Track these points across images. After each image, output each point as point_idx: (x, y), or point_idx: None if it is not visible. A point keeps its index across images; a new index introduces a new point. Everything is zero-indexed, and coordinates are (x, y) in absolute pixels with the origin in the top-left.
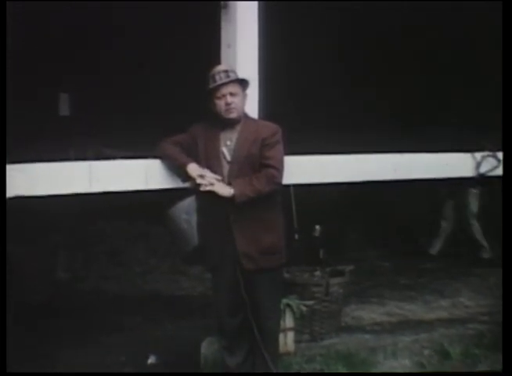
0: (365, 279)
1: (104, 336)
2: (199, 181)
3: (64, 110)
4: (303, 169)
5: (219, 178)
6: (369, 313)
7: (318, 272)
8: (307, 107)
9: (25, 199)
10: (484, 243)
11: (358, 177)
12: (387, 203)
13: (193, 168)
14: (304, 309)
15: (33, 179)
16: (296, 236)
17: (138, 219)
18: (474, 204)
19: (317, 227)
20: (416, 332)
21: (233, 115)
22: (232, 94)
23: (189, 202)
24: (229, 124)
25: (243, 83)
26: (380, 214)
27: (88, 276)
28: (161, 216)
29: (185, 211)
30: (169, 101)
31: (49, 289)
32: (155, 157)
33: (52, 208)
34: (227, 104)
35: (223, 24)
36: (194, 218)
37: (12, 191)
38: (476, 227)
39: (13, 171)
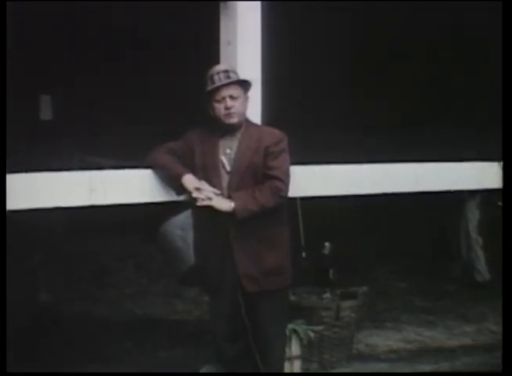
0: (380, 301)
1: (91, 364)
2: (195, 194)
3: (46, 113)
4: (311, 180)
5: (218, 192)
6: (385, 340)
7: (327, 295)
8: (314, 111)
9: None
10: (481, 263)
11: (374, 189)
12: (404, 217)
13: (189, 180)
14: (312, 335)
15: (26, 191)
16: (303, 255)
17: (128, 236)
18: (473, 216)
19: (326, 244)
20: (436, 360)
21: (234, 120)
22: (232, 97)
23: (185, 217)
24: (229, 130)
25: (245, 84)
26: (396, 229)
27: (73, 298)
28: (153, 232)
29: (180, 227)
30: (165, 104)
31: (31, 312)
32: (146, 166)
33: (34, 222)
34: (227, 108)
35: (223, 19)
36: (190, 235)
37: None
38: (477, 243)
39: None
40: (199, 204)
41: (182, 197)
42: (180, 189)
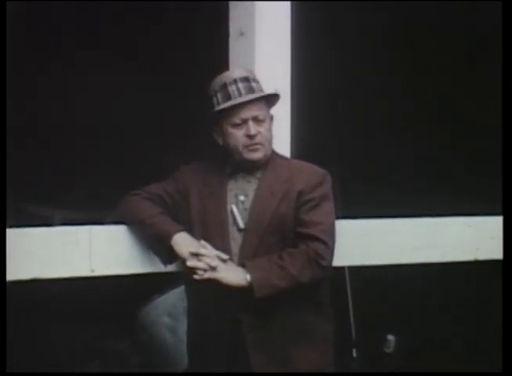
0: None
1: None
2: (191, 263)
3: None
4: (366, 241)
5: (225, 257)
6: None
7: None
8: (367, 136)
9: None
10: None
11: (461, 254)
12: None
13: (183, 241)
14: None
15: None
16: (354, 354)
17: (90, 326)
18: None
19: (390, 338)
20: None
21: (259, 155)
22: (257, 120)
23: (175, 298)
24: (246, 167)
25: (271, 100)
26: (491, 308)
27: None
28: (128, 321)
29: (169, 312)
30: (139, 130)
31: None
32: (116, 221)
33: None
34: (250, 137)
35: (232, 2)
36: (183, 324)
37: None
38: None
39: None
40: (197, 277)
41: (170, 268)
42: (168, 254)
